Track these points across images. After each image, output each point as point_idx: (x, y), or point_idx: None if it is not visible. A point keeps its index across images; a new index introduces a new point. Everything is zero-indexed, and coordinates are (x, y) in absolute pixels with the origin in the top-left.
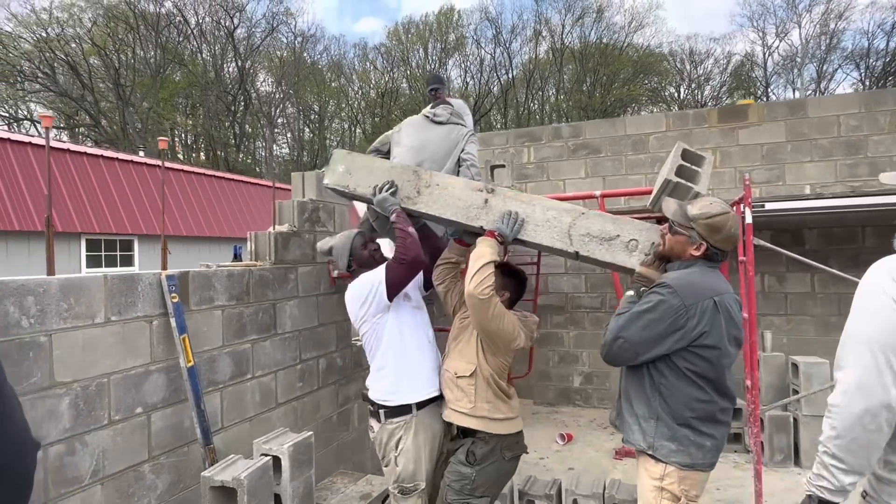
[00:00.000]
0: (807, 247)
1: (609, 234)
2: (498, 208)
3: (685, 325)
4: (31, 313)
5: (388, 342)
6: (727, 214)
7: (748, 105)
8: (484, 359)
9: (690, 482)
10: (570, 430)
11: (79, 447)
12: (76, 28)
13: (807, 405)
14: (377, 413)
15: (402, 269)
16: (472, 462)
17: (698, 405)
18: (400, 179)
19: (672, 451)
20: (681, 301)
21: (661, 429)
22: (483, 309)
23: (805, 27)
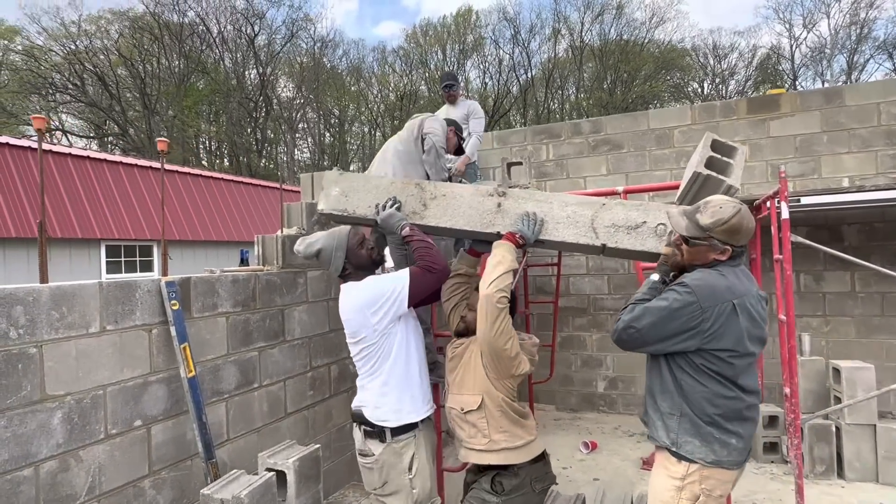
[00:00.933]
0: (846, 243)
1: (635, 222)
2: (513, 211)
3: (698, 326)
4: (20, 324)
5: (397, 356)
6: (740, 212)
7: (780, 94)
8: (491, 385)
9: (714, 481)
10: (595, 437)
11: (73, 463)
12: (104, 40)
13: (850, 413)
14: (380, 433)
15: (431, 279)
16: (498, 492)
17: (722, 402)
18: (402, 194)
19: (696, 447)
20: (697, 302)
21: (684, 425)
22: (494, 318)
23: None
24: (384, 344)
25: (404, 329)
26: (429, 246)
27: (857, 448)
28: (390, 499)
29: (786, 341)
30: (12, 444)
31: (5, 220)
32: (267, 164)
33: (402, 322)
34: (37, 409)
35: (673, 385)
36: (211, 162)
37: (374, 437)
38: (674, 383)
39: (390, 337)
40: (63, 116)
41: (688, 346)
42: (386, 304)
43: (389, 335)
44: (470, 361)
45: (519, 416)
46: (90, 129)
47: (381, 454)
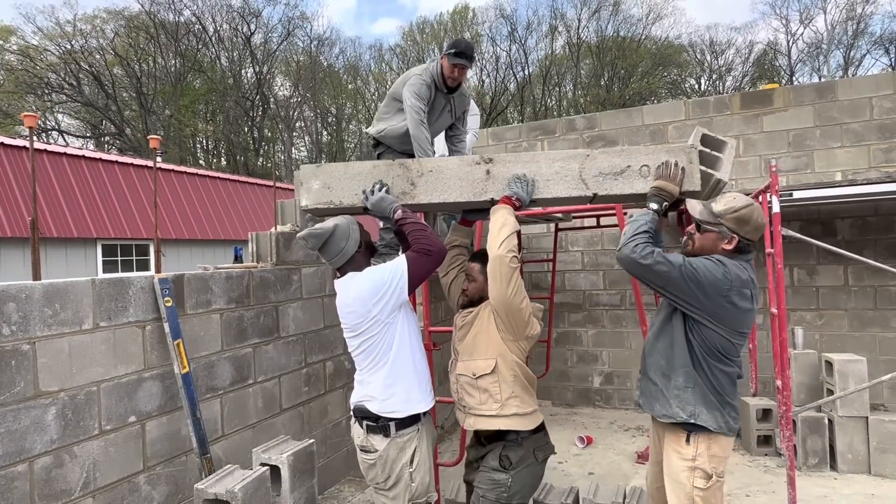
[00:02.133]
0: (839, 237)
1: (620, 167)
2: (502, 176)
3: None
4: (13, 320)
5: (400, 346)
6: (752, 206)
7: (773, 89)
8: (506, 346)
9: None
10: (590, 432)
11: (67, 459)
12: (99, 39)
13: (843, 406)
14: (384, 427)
15: (429, 262)
16: (506, 467)
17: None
18: (388, 176)
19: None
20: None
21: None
22: (507, 278)
23: (831, 12)
24: (386, 334)
25: (404, 319)
26: (423, 228)
27: (849, 440)
28: (390, 492)
29: (777, 334)
30: (6, 440)
31: (0, 220)
32: (264, 163)
33: (402, 312)
34: (30, 406)
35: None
36: (208, 161)
37: (378, 431)
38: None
39: (392, 327)
40: (59, 116)
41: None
42: (388, 294)
43: (391, 326)
44: (482, 326)
45: (529, 383)
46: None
47: (384, 449)
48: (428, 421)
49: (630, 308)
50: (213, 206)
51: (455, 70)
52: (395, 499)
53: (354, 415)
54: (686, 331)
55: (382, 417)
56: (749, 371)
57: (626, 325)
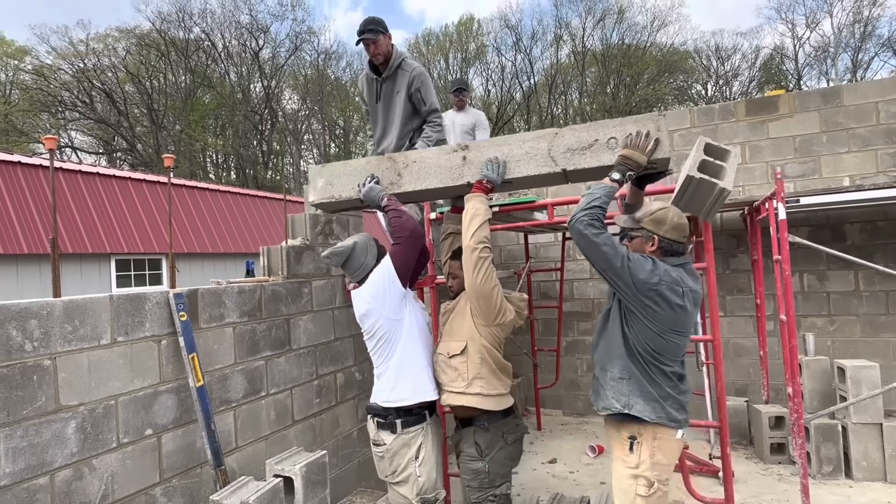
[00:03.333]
0: (848, 242)
1: (588, 142)
2: (477, 160)
3: (652, 284)
4: (35, 336)
5: (408, 338)
6: (668, 208)
7: (778, 96)
8: (476, 330)
9: (663, 453)
10: (601, 441)
11: (87, 472)
12: (111, 58)
13: (856, 412)
14: (392, 424)
15: (403, 249)
16: (481, 454)
17: (660, 370)
18: (379, 170)
19: (643, 407)
20: (653, 267)
21: (632, 387)
22: (479, 266)
23: (837, 16)
24: (394, 330)
25: (411, 314)
26: (399, 215)
27: (864, 447)
28: (399, 487)
29: (787, 341)
30: (28, 454)
31: (17, 236)
32: (273, 175)
33: (408, 307)
34: (51, 420)
35: (624, 350)
36: (218, 175)
37: (386, 428)
38: (625, 348)
39: (399, 324)
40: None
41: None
42: (385, 290)
43: (397, 322)
44: (459, 311)
45: (499, 367)
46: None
47: (391, 443)
48: (435, 422)
49: None
50: (223, 220)
51: (366, 46)
52: (405, 492)
53: (368, 412)
54: (622, 323)
55: (391, 414)
56: (761, 378)
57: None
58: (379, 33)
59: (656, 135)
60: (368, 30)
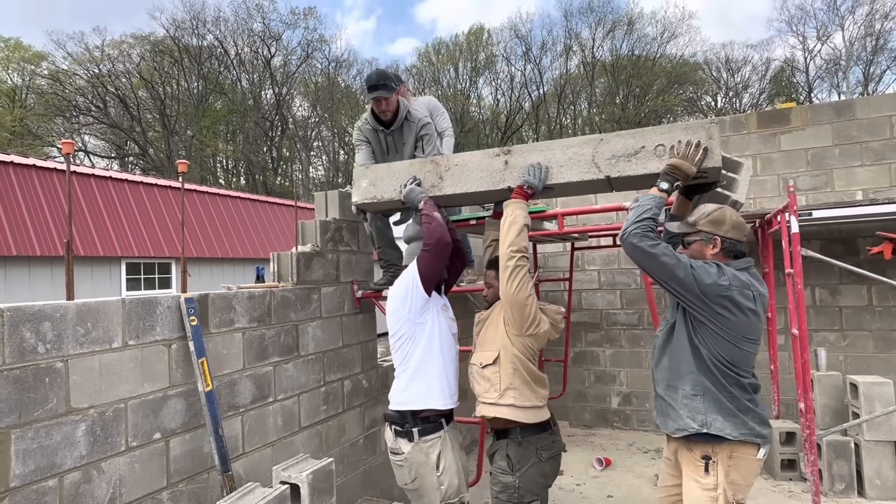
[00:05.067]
0: (861, 256)
1: (634, 149)
2: (519, 165)
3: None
4: (48, 339)
5: (427, 346)
6: (723, 207)
7: (790, 108)
8: (509, 339)
9: (739, 473)
10: (609, 454)
11: (95, 475)
12: (126, 64)
13: (869, 429)
14: (409, 433)
15: (430, 256)
16: (512, 468)
17: (736, 382)
18: (421, 172)
19: (723, 424)
20: (719, 271)
21: (708, 402)
22: (514, 274)
23: (848, 29)
24: (414, 333)
25: (434, 321)
26: (429, 220)
27: (877, 465)
28: (422, 497)
29: (799, 356)
30: (38, 456)
31: (31, 239)
32: (282, 182)
33: (431, 313)
34: (62, 422)
35: (694, 364)
36: (227, 180)
37: (404, 436)
38: (695, 362)
39: (421, 327)
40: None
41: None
42: (408, 293)
43: (420, 326)
44: (492, 321)
45: (533, 379)
46: (111, 150)
47: (409, 453)
48: (453, 430)
49: (648, 328)
50: (234, 226)
51: (377, 104)
52: (427, 499)
53: (385, 420)
54: (691, 336)
55: (407, 421)
56: (771, 393)
57: (644, 345)
58: (393, 90)
59: (707, 143)
60: (382, 85)
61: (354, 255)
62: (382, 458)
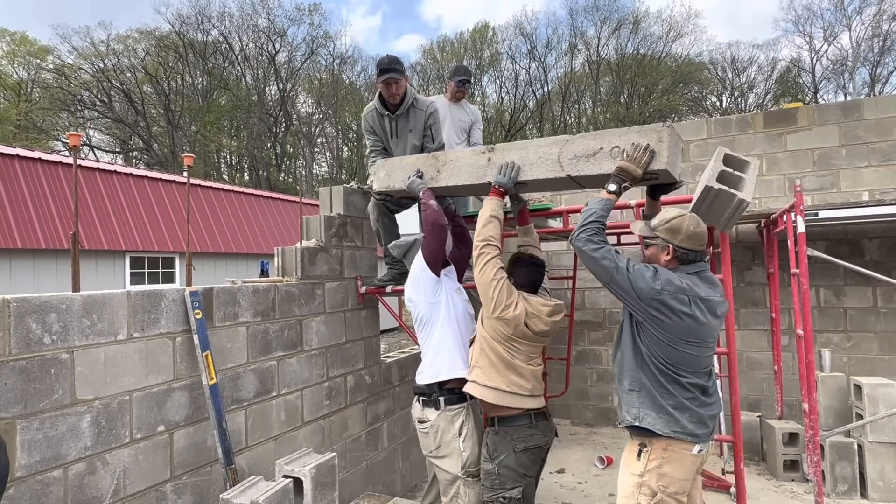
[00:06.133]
0: (867, 257)
1: (593, 150)
2: (499, 162)
3: (655, 293)
4: (54, 330)
5: (445, 321)
6: (683, 216)
7: (797, 108)
8: (481, 321)
9: (673, 466)
10: (611, 452)
11: (99, 466)
12: (131, 58)
13: (873, 431)
14: (436, 401)
15: (427, 240)
16: (490, 456)
17: (675, 381)
18: (424, 166)
19: (654, 419)
20: (654, 275)
21: (643, 399)
22: (480, 260)
23: (856, 30)
24: (433, 312)
25: (448, 302)
26: (426, 208)
27: (880, 467)
28: (442, 461)
29: (803, 356)
30: (43, 446)
31: (36, 232)
32: (286, 178)
33: (446, 295)
34: (67, 413)
35: (634, 361)
36: (231, 176)
37: (431, 405)
38: (635, 359)
39: (436, 307)
40: (90, 132)
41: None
42: (419, 276)
43: (434, 306)
44: None
45: (502, 363)
46: (116, 145)
47: (435, 419)
48: (476, 405)
49: None
50: (238, 221)
51: (387, 87)
52: (449, 467)
53: (414, 392)
54: (634, 335)
55: (434, 391)
56: (774, 393)
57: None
58: (402, 73)
59: (656, 146)
60: (394, 69)
61: (358, 250)
62: (385, 454)
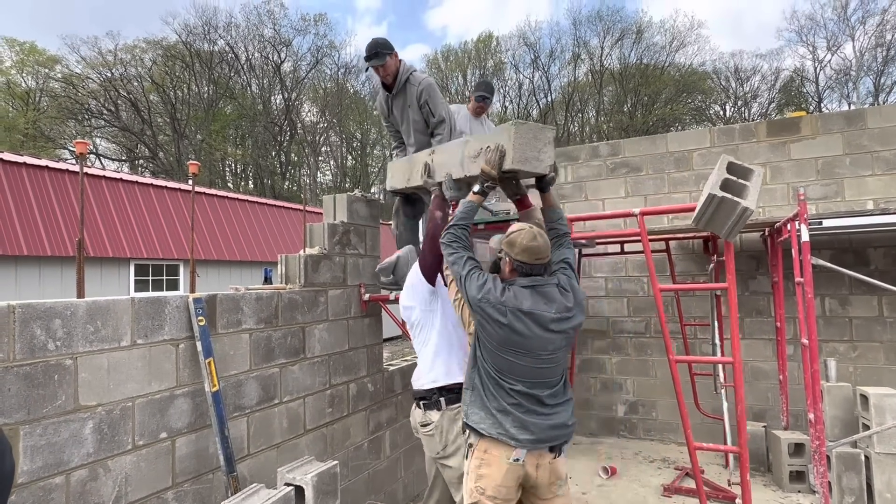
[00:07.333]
0: (872, 267)
1: (476, 152)
2: (437, 162)
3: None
4: (58, 336)
5: (441, 328)
6: (521, 230)
7: (800, 117)
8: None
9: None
10: (614, 462)
11: (101, 472)
12: (138, 68)
13: (880, 442)
14: (437, 402)
15: (425, 253)
16: None
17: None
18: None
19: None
20: (480, 285)
21: (472, 397)
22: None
23: (859, 39)
24: (429, 319)
25: (444, 311)
26: (430, 219)
27: (887, 478)
28: (450, 460)
29: (808, 366)
30: (46, 452)
31: (42, 239)
32: (290, 186)
33: (441, 304)
34: (70, 419)
35: (472, 359)
36: (236, 184)
37: (433, 407)
38: (473, 358)
39: (432, 314)
40: (97, 140)
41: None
42: (415, 285)
43: (432, 313)
44: None
45: None
46: (122, 153)
47: (439, 420)
48: None
49: (655, 336)
50: (242, 229)
51: (376, 70)
52: (457, 464)
53: (414, 397)
54: (475, 336)
55: (434, 394)
56: (780, 403)
57: (651, 354)
58: (385, 56)
59: (507, 145)
60: (375, 55)
61: (361, 258)
62: (387, 463)
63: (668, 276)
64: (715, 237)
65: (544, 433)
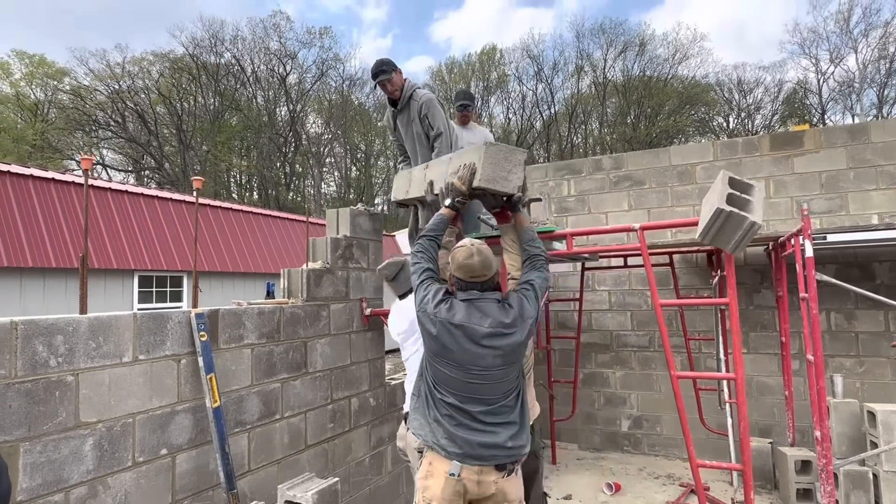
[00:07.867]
0: (878, 281)
1: (456, 168)
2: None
3: (416, 310)
4: (60, 352)
5: None
6: (461, 247)
7: (803, 131)
8: None
9: (434, 479)
10: (619, 478)
11: (101, 490)
12: (145, 80)
13: (888, 460)
14: None
15: None
16: None
17: (432, 395)
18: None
19: (416, 423)
20: (421, 297)
21: (417, 403)
22: None
23: (862, 52)
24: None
25: None
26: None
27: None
28: None
29: (814, 382)
30: (46, 470)
31: (47, 251)
32: (294, 197)
33: None
34: (70, 436)
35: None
36: (241, 195)
37: None
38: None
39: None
40: (104, 151)
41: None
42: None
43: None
44: None
45: None
46: (128, 164)
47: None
48: None
49: (659, 350)
50: (246, 240)
51: (382, 87)
52: None
53: (403, 419)
54: None
55: None
56: (786, 419)
57: (655, 368)
58: (391, 72)
59: (478, 164)
60: (382, 71)
61: (364, 272)
62: (388, 479)
63: (671, 290)
64: (719, 251)
65: (473, 450)
